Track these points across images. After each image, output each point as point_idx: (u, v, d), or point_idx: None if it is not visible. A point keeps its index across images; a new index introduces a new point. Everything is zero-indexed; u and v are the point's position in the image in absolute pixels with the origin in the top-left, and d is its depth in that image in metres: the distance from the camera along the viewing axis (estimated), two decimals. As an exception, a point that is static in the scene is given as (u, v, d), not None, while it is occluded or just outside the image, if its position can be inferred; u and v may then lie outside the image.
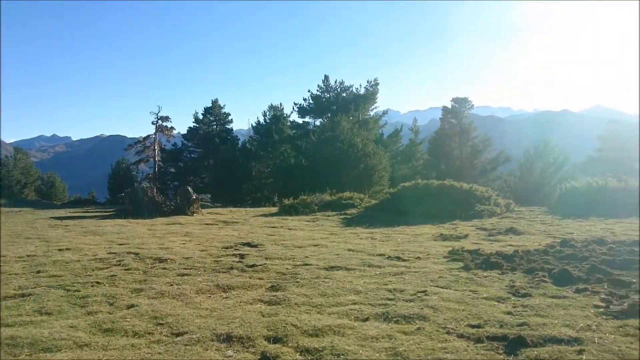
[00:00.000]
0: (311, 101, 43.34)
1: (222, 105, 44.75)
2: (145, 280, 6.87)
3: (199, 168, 42.21)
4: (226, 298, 5.89)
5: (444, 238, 10.78)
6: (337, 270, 7.31)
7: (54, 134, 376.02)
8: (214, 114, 44.11)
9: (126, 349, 4.23)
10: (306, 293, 5.95)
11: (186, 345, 4.29)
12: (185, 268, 7.65)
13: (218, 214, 18.92)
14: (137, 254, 8.83)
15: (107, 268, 7.72)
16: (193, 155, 43.72)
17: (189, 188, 20.31)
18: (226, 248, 9.68)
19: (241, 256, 8.65)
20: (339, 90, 43.24)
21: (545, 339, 4.21)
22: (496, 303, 5.39)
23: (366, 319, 4.92)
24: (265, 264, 7.81)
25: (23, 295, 6.04)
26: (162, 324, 4.85)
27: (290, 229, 13.20)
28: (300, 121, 44.69)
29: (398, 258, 8.17)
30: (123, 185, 35.71)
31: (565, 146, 40.46)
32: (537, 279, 6.36)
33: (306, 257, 8.38)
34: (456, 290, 5.99)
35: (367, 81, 43.87)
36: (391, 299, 5.60)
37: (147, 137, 30.43)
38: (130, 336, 4.56)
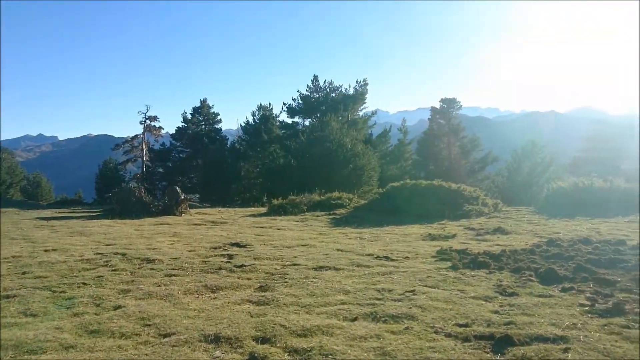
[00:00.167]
0: (300, 101, 43.34)
1: (211, 105, 44.62)
2: (132, 281, 6.81)
3: (188, 168, 42.02)
4: (214, 298, 5.86)
5: (433, 238, 10.83)
6: (326, 270, 7.31)
7: (40, 134, 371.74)
8: (203, 114, 43.94)
9: (113, 351, 4.20)
10: (295, 293, 5.94)
11: (174, 346, 4.26)
12: (173, 268, 7.60)
13: (206, 214, 18.83)
14: (125, 255, 8.76)
15: (94, 269, 7.64)
16: (181, 155, 43.52)
17: (177, 188, 20.19)
18: (214, 248, 9.63)
19: (229, 256, 8.61)
20: (328, 90, 43.30)
21: (531, 338, 4.25)
22: (483, 302, 5.43)
23: (355, 319, 4.93)
24: (253, 264, 7.78)
25: (8, 296, 5.96)
26: (150, 325, 4.81)
27: (279, 229, 13.18)
28: (289, 121, 44.71)
29: (387, 258, 8.19)
30: (110, 185, 35.45)
31: (552, 147, 40.91)
32: (524, 278, 6.42)
33: (295, 257, 8.37)
34: (444, 289, 6.02)
35: (356, 81, 44.00)
36: (380, 299, 5.62)
37: (135, 137, 30.22)
38: (117, 337, 4.52)
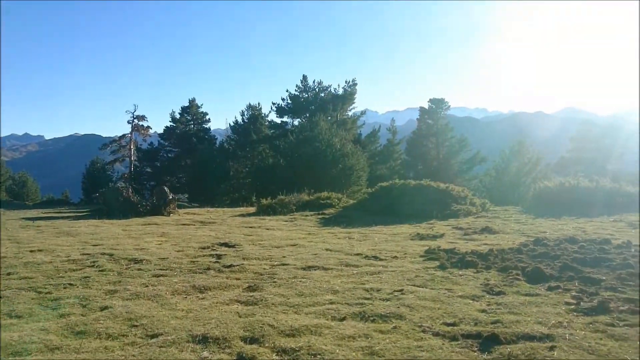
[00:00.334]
0: (289, 101, 43.29)
1: (200, 104, 44.37)
2: (119, 281, 6.76)
3: (176, 168, 41.76)
4: (202, 299, 5.84)
5: (421, 237, 10.88)
6: (315, 270, 7.31)
7: (26, 133, 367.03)
8: (191, 113, 43.68)
9: (99, 352, 4.16)
10: (283, 293, 5.94)
11: (161, 347, 4.23)
12: (161, 269, 7.56)
13: (195, 214, 18.75)
14: (112, 255, 8.69)
15: (81, 269, 7.57)
16: (170, 154, 43.24)
17: (166, 188, 20.07)
18: (203, 248, 9.59)
19: (218, 256, 8.58)
20: (317, 90, 43.29)
21: (518, 336, 4.29)
22: (471, 301, 5.46)
23: (343, 319, 4.93)
24: (242, 264, 7.76)
25: (-8, 298, 5.89)
26: (137, 326, 4.78)
27: (268, 229, 13.15)
28: (278, 121, 44.63)
29: (375, 257, 8.22)
30: (98, 185, 35.13)
31: (539, 147, 41.28)
32: (511, 277, 6.47)
33: (284, 257, 8.36)
34: (432, 289, 6.05)
35: (346, 81, 44.04)
36: (368, 298, 5.63)
37: (123, 137, 29.95)
38: (103, 338, 4.48)
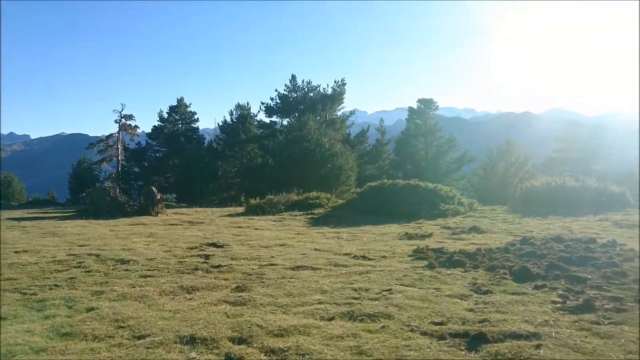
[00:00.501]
0: (278, 100, 43.26)
1: (188, 104, 44.19)
2: (106, 282, 6.70)
3: (164, 167, 41.56)
4: (190, 299, 5.80)
5: (409, 237, 10.92)
6: (303, 270, 7.30)
7: (11, 132, 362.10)
8: (180, 113, 43.51)
9: (85, 353, 4.12)
10: (272, 293, 5.92)
11: (148, 348, 4.20)
12: (148, 269, 7.50)
13: (183, 214, 18.65)
14: (99, 256, 8.60)
15: (67, 270, 7.49)
16: (158, 154, 43.03)
17: (153, 188, 19.93)
18: (191, 249, 9.54)
19: (206, 257, 8.54)
20: (306, 90, 43.32)
21: (505, 335, 4.32)
22: (459, 300, 5.49)
23: (331, 318, 4.93)
24: (230, 265, 7.73)
25: (-24, 299, 5.80)
26: (124, 327, 4.74)
27: (256, 229, 13.12)
28: (267, 120, 44.63)
29: (364, 257, 8.23)
30: (84, 185, 34.77)
31: (526, 147, 41.67)
32: (498, 276, 6.52)
33: (272, 257, 8.34)
34: (420, 288, 6.07)
35: (335, 81, 44.15)
36: (356, 298, 5.64)
37: (110, 136, 29.74)
38: (89, 340, 4.43)
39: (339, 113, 44.52)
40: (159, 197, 19.34)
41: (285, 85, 43.51)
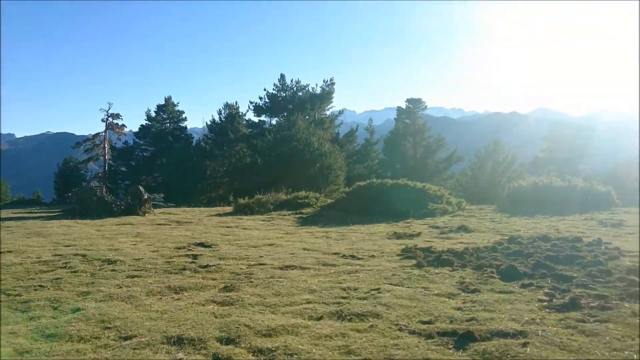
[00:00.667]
0: (267, 100, 43.15)
1: (176, 102, 43.90)
2: (92, 282, 6.63)
3: (152, 167, 41.24)
4: (178, 300, 5.76)
5: (398, 236, 10.96)
6: (292, 269, 7.29)
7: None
8: (167, 112, 43.21)
9: (70, 355, 4.07)
10: (260, 293, 5.90)
11: (135, 349, 4.16)
12: (135, 269, 7.44)
13: (171, 214, 18.53)
14: (85, 256, 8.52)
15: (52, 271, 7.40)
16: (145, 153, 42.70)
17: (141, 187, 19.77)
18: (179, 248, 9.48)
19: (194, 257, 8.49)
20: (295, 89, 43.25)
21: (492, 333, 4.34)
22: (447, 299, 5.52)
23: (320, 318, 4.93)
24: (218, 264, 7.69)
25: (-42, 301, 5.71)
26: (110, 328, 4.69)
27: (245, 229, 13.08)
28: (256, 120, 44.47)
29: (352, 257, 8.24)
30: (71, 184, 34.44)
31: (514, 147, 42.02)
32: (486, 275, 6.56)
33: (261, 257, 8.32)
34: (409, 287, 6.09)
35: (324, 81, 44.12)
36: (345, 297, 5.64)
37: (97, 135, 29.44)
38: (75, 341, 4.38)
39: (328, 112, 44.56)
40: (147, 197, 19.20)
41: (274, 84, 43.44)
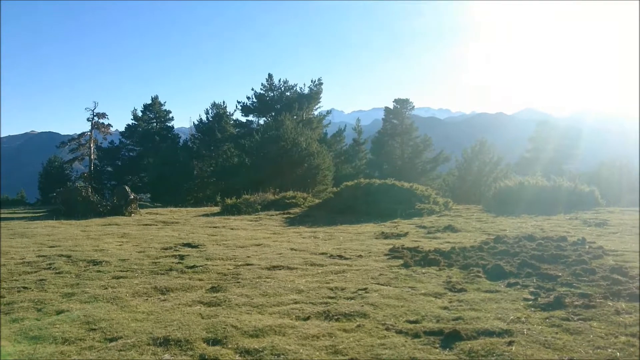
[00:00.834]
0: (255, 100, 43.03)
1: (163, 102, 43.61)
2: (77, 284, 6.56)
3: (138, 167, 40.92)
4: (164, 300, 5.72)
5: (385, 236, 10.99)
6: (279, 269, 7.28)
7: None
8: (154, 111, 42.91)
9: (54, 357, 4.02)
10: (247, 293, 5.89)
11: (120, 350, 4.13)
12: (121, 270, 7.37)
13: (157, 214, 18.38)
14: (70, 257, 8.42)
15: (36, 272, 7.30)
16: (131, 153, 42.39)
17: (127, 187, 19.58)
18: (165, 249, 9.41)
19: (181, 257, 8.43)
20: (283, 89, 43.19)
21: (478, 332, 4.38)
22: (433, 299, 5.55)
23: (307, 318, 4.93)
24: (205, 265, 7.66)
25: (-61, 303, 5.60)
26: (95, 330, 4.64)
27: (232, 229, 13.02)
28: (243, 120, 44.35)
29: (340, 256, 8.25)
30: (56, 184, 33.95)
31: (500, 147, 42.38)
32: (472, 275, 6.61)
33: (248, 257, 8.29)
34: (396, 287, 6.11)
35: (312, 81, 44.13)
36: (332, 297, 5.65)
37: (82, 135, 29.16)
38: (59, 343, 4.33)
39: (316, 112, 44.55)
40: (133, 197, 19.02)
41: (261, 84, 43.33)
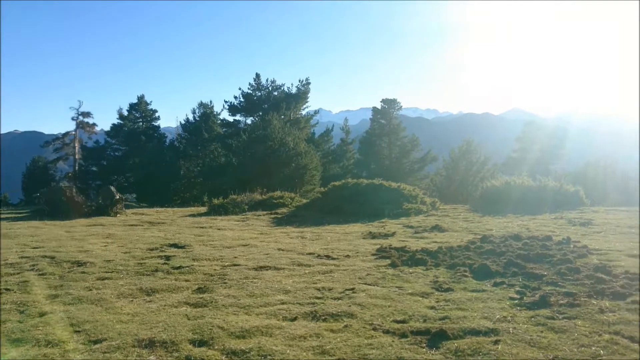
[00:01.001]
0: (242, 99, 42.89)
1: (149, 101, 43.27)
2: (61, 285, 6.47)
3: (124, 167, 40.53)
4: (150, 302, 5.66)
5: (373, 236, 11.00)
6: (267, 270, 7.25)
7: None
8: (140, 111, 42.55)
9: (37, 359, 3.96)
10: (234, 294, 5.85)
11: (105, 352, 4.07)
12: (106, 271, 7.29)
13: (144, 215, 18.21)
14: (53, 258, 8.30)
15: (19, 273, 7.19)
16: (117, 153, 42.00)
17: (112, 188, 19.38)
18: (151, 250, 9.32)
19: (167, 258, 8.36)
20: (271, 88, 43.11)
21: (465, 331, 4.40)
22: (420, 298, 5.57)
23: (294, 319, 4.91)
24: (192, 266, 7.60)
25: None
26: (79, 332, 4.58)
27: (219, 229, 12.95)
28: (231, 119, 44.18)
29: (327, 257, 8.24)
30: (39, 185, 33.53)
31: (486, 147, 42.69)
32: (459, 274, 6.64)
33: (235, 258, 8.25)
34: (383, 287, 6.12)
35: (299, 80, 44.12)
36: (320, 298, 5.64)
37: (67, 134, 28.82)
38: (42, 346, 4.26)
39: (304, 112, 44.55)
40: (118, 197, 18.82)
41: (249, 84, 43.20)
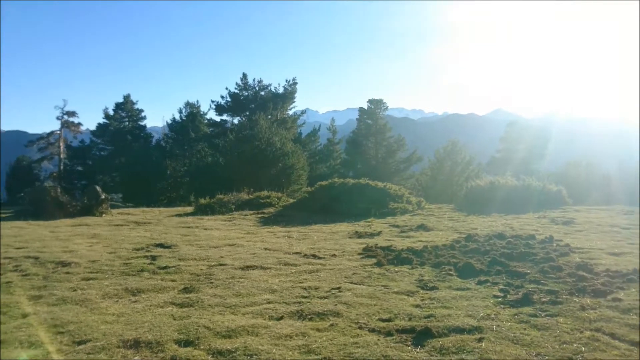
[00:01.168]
0: (229, 99, 42.70)
1: (135, 101, 42.89)
2: (45, 286, 6.40)
3: (109, 166, 40.12)
4: (135, 302, 5.63)
5: (359, 235, 11.05)
6: (253, 269, 7.25)
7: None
8: (126, 110, 42.16)
9: (20, 361, 3.92)
10: (220, 294, 5.84)
11: (89, 353, 4.05)
12: (91, 272, 7.23)
13: (129, 215, 18.06)
14: (37, 258, 8.21)
15: (2, 274, 7.10)
16: (103, 153, 41.56)
17: (98, 187, 19.20)
18: (137, 250, 9.25)
19: (153, 258, 8.31)
20: (258, 88, 42.98)
21: (449, 329, 4.45)
22: (406, 297, 5.61)
23: (280, 318, 4.92)
24: (178, 265, 7.57)
25: None
26: (63, 333, 4.55)
27: (206, 229, 12.90)
28: (217, 119, 43.96)
29: (314, 256, 8.26)
30: (23, 184, 33.07)
31: (471, 147, 43.05)
32: (444, 273, 6.71)
33: (221, 257, 8.23)
34: (369, 285, 6.16)
35: (286, 80, 44.01)
36: (306, 297, 5.65)
37: (52, 133, 28.48)
38: (25, 347, 4.22)
39: (290, 112, 44.47)
40: (104, 197, 18.65)
41: (236, 83, 43.00)
